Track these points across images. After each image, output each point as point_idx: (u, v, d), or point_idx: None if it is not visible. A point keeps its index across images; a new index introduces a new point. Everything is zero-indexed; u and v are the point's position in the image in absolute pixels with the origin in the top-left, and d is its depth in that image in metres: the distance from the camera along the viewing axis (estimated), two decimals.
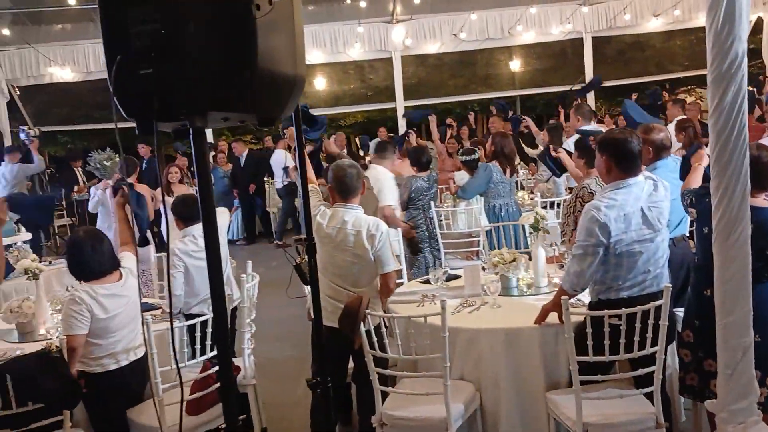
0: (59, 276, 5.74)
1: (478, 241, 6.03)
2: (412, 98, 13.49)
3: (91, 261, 3.51)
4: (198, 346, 3.72)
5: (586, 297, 3.56)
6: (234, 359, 3.85)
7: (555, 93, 15.57)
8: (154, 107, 1.72)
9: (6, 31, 11.53)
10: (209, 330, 3.63)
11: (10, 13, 11.42)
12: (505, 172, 6.29)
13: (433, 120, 9.64)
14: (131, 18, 1.76)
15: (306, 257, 2.41)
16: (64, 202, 12.16)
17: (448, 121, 11.61)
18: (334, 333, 3.45)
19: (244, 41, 1.76)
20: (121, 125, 1.86)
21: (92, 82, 12.99)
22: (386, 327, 3.64)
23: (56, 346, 3.16)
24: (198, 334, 3.68)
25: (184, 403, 3.61)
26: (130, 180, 7.15)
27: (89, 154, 5.73)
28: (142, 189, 6.88)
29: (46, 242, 11.62)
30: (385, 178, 5.69)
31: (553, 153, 5.34)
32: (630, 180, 3.30)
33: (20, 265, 4.30)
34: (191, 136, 1.92)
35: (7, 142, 12.35)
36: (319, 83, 15.94)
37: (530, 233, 4.62)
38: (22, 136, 10.44)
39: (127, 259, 3.70)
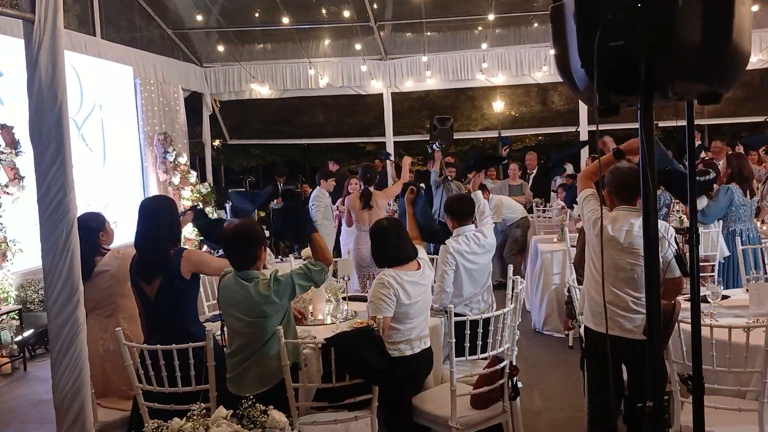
0: None
1: (713, 266, 5.77)
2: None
3: (396, 248, 3.66)
4: (467, 345, 3.78)
5: None
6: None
7: (745, 123, 14.68)
8: (642, 75, 1.75)
9: (220, 48, 12.49)
10: (480, 330, 3.68)
11: (221, 32, 12.40)
12: (745, 194, 5.96)
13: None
14: None
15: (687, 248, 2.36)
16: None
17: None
18: (609, 341, 3.38)
19: (725, 14, 1.76)
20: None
21: (284, 100, 13.79)
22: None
23: (375, 325, 3.30)
24: (467, 332, 3.73)
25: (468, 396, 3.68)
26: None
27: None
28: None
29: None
30: None
31: None
32: None
33: (304, 252, 4.56)
34: (640, 109, 1.95)
35: (207, 153, 13.37)
36: (498, 105, 15.98)
37: None
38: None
39: (420, 251, 3.82)
